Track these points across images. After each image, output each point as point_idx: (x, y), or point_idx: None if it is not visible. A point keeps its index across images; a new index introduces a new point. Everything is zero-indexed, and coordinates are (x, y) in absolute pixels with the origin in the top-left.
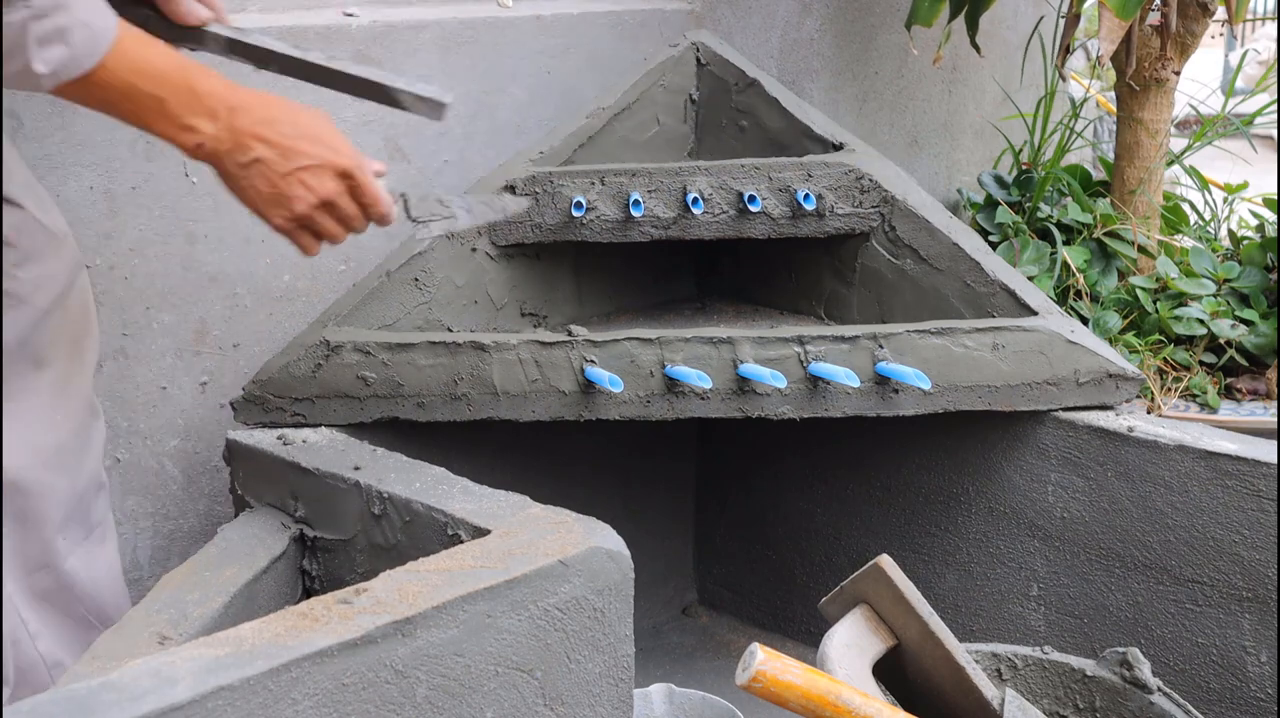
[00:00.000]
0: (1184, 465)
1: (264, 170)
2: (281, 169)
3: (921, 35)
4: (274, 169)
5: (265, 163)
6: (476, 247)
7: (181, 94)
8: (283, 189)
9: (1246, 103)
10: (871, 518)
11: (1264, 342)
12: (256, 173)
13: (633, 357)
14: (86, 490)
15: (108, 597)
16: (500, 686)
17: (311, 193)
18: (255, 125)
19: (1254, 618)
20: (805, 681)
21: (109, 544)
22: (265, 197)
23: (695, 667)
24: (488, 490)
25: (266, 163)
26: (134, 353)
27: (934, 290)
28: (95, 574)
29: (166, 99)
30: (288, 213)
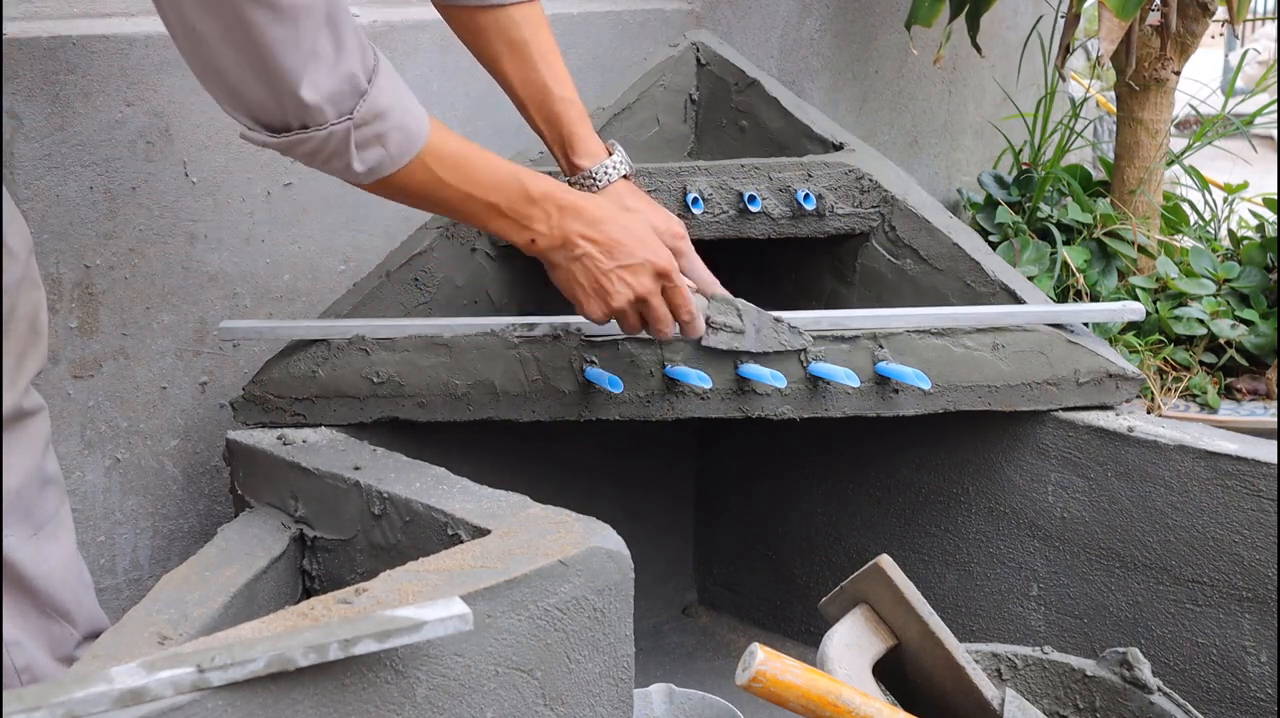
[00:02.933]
0: (1184, 465)
1: (588, 266)
2: (604, 266)
3: (921, 35)
4: (598, 265)
5: (590, 259)
6: (476, 247)
7: (517, 201)
8: (603, 284)
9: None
10: (871, 518)
11: (1264, 342)
12: (580, 268)
13: (633, 357)
14: (23, 487)
15: (63, 592)
16: (500, 686)
17: (630, 289)
18: (584, 227)
19: (1254, 618)
20: (805, 681)
21: (62, 539)
22: (587, 289)
23: (695, 667)
24: (488, 490)
25: (591, 259)
26: (134, 353)
27: (934, 290)
28: (46, 570)
29: (501, 204)
30: (605, 306)
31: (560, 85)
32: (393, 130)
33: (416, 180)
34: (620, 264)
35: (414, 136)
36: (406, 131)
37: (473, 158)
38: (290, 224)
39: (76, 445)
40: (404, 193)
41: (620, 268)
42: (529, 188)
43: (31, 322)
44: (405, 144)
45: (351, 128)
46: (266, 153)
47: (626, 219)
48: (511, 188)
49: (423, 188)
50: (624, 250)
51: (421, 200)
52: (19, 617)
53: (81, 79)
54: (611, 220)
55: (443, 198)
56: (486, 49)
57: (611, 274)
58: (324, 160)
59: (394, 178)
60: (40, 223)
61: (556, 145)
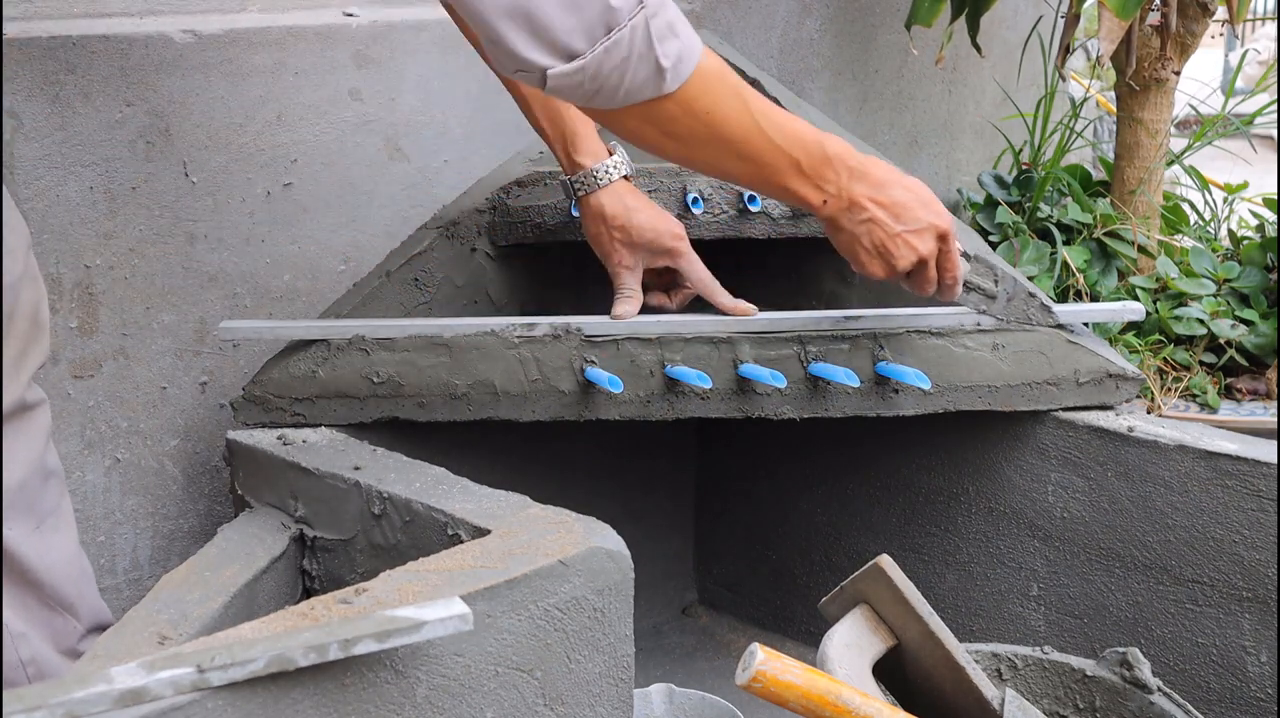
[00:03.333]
0: (1184, 465)
1: (874, 229)
2: (891, 230)
3: (921, 35)
4: (885, 229)
5: (877, 223)
6: (476, 246)
7: (816, 159)
8: (889, 247)
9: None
10: (871, 518)
11: (1264, 342)
12: (866, 230)
13: (633, 357)
14: (26, 480)
15: (66, 584)
16: (500, 686)
17: (914, 252)
18: (871, 191)
19: (1254, 618)
20: (805, 681)
21: (64, 532)
22: (871, 251)
23: (695, 667)
24: (488, 490)
25: (878, 223)
26: (134, 353)
27: None
28: (49, 562)
29: (803, 161)
30: (888, 268)
31: None
32: (677, 19)
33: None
34: (907, 228)
35: (690, 27)
36: (686, 22)
37: (773, 107)
38: (290, 224)
39: (76, 445)
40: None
41: (907, 231)
42: (826, 147)
43: (33, 316)
44: (690, 34)
45: (648, 17)
46: (266, 153)
47: (909, 181)
48: (813, 144)
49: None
50: (910, 214)
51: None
52: (23, 609)
53: (81, 79)
54: (897, 183)
55: (743, 132)
56: None
57: (898, 238)
58: (632, 71)
59: (691, 87)
60: (40, 223)
61: (558, 143)
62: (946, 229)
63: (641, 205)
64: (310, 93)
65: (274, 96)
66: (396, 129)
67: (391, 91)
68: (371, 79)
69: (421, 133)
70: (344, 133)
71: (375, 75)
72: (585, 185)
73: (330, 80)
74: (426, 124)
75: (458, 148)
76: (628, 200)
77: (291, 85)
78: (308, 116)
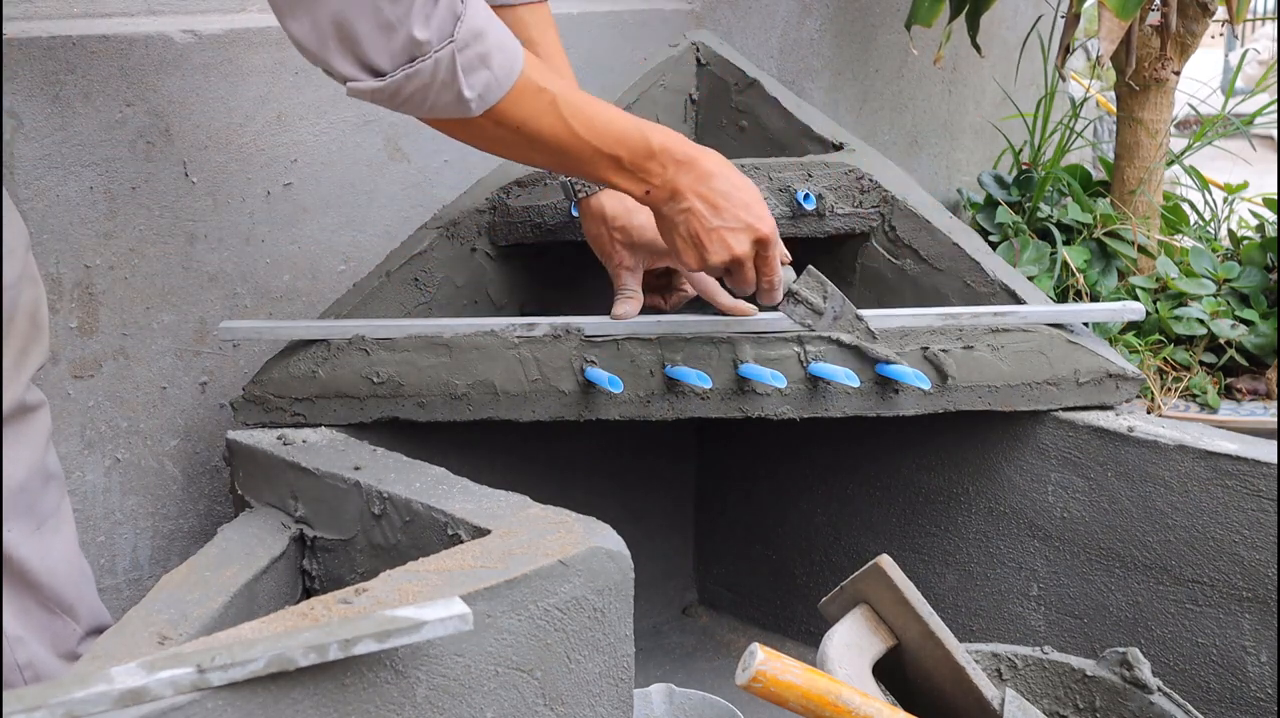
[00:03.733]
0: (1184, 465)
1: (691, 220)
2: (708, 224)
3: (921, 35)
4: (702, 222)
5: (695, 214)
6: (476, 247)
7: (639, 154)
8: (703, 240)
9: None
10: (871, 518)
11: (1264, 342)
12: (684, 220)
13: (633, 357)
14: (27, 481)
15: (66, 587)
16: (500, 686)
17: (727, 250)
18: (695, 182)
19: (1254, 618)
20: (805, 681)
21: (64, 534)
22: (686, 240)
23: (695, 667)
24: (488, 490)
25: (696, 214)
26: (134, 353)
27: (934, 290)
28: (49, 565)
29: (623, 158)
30: (699, 260)
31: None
32: (494, 50)
33: (526, 110)
34: (724, 224)
35: (513, 55)
36: (507, 51)
37: (593, 104)
38: (290, 224)
39: (76, 445)
40: (514, 129)
41: (724, 227)
42: (650, 141)
43: (32, 317)
44: (508, 64)
45: (455, 51)
46: (266, 153)
47: (739, 180)
48: (635, 140)
49: (535, 122)
50: (729, 212)
51: (534, 142)
52: (22, 613)
53: (81, 79)
54: (723, 177)
55: (557, 138)
56: None
57: (712, 232)
58: (435, 96)
59: (503, 107)
60: (40, 223)
61: None
62: (765, 234)
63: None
64: (310, 93)
65: (274, 96)
66: (396, 129)
67: None
68: None
69: (421, 133)
70: (344, 133)
71: None
72: (585, 187)
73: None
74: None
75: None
76: (628, 201)
77: (291, 85)
78: (308, 116)
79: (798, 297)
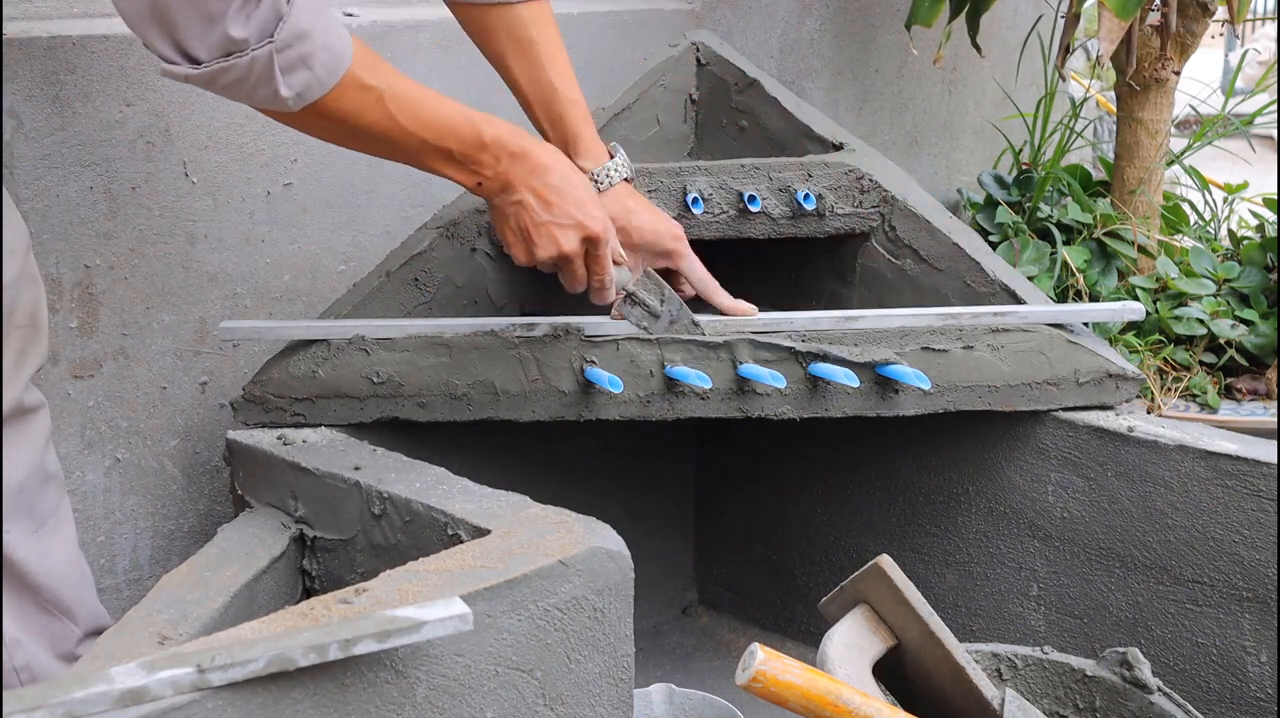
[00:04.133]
0: (1184, 465)
1: (521, 213)
2: (537, 218)
3: (921, 35)
4: (531, 216)
5: (525, 207)
6: (476, 247)
7: (470, 146)
8: (531, 234)
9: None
10: (871, 518)
11: (1264, 342)
12: (514, 212)
13: (632, 357)
14: (26, 482)
15: (65, 588)
16: (500, 686)
17: (555, 246)
18: (527, 175)
19: (1254, 618)
20: (805, 681)
21: (63, 536)
22: (515, 233)
23: (695, 667)
24: (488, 490)
25: (526, 208)
26: (134, 353)
27: (934, 290)
28: (48, 566)
29: (454, 150)
30: (527, 254)
31: (565, 85)
32: (318, 51)
33: (349, 105)
34: (554, 220)
35: (339, 55)
36: (332, 51)
37: (424, 98)
38: (290, 224)
39: (76, 445)
40: (338, 122)
41: (553, 223)
42: (482, 133)
43: (31, 317)
44: (332, 63)
45: (274, 51)
46: (266, 153)
47: (574, 178)
48: (466, 132)
49: (360, 117)
50: (560, 208)
51: (361, 134)
52: (19, 615)
53: (81, 79)
54: (557, 173)
55: (383, 131)
56: (493, 46)
57: (541, 227)
58: (250, 89)
59: (325, 103)
60: (40, 223)
61: (559, 145)
62: (595, 233)
63: (641, 207)
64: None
65: None
66: None
67: None
68: None
69: None
70: None
71: None
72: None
73: None
74: None
75: None
76: (627, 202)
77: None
78: None
79: (635, 298)
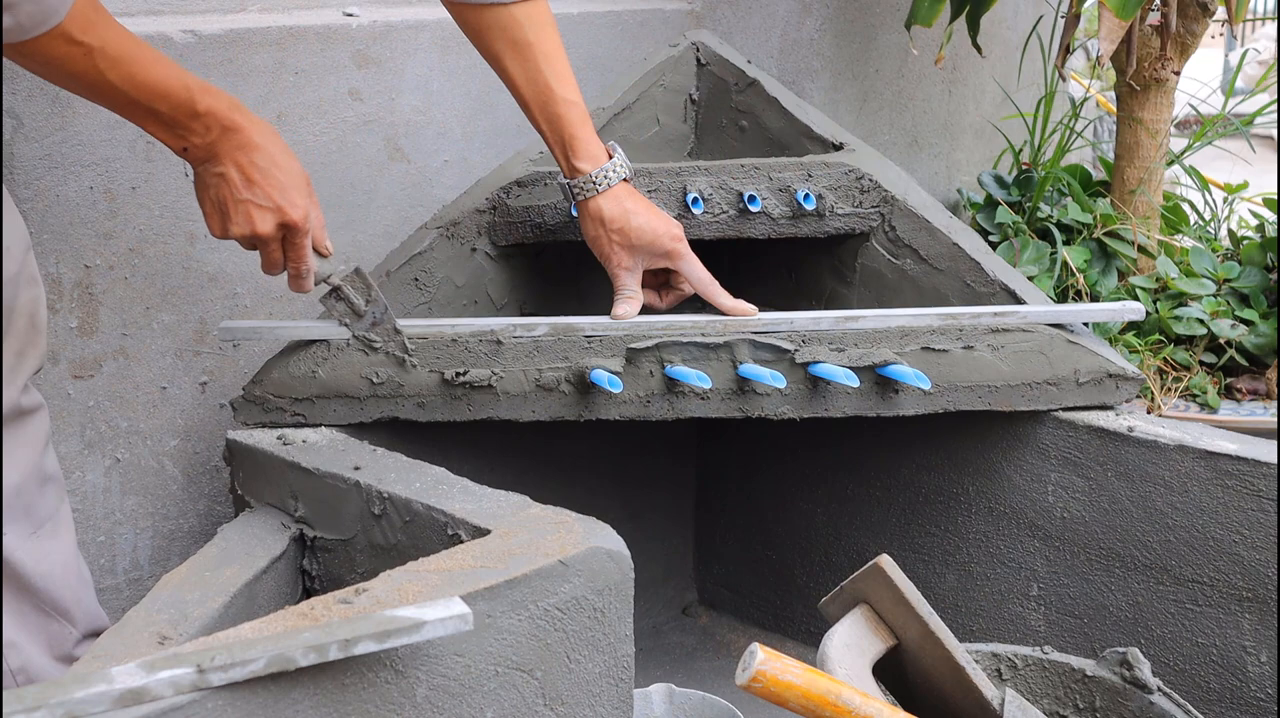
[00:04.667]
0: (1184, 465)
1: (222, 186)
2: (237, 195)
3: (921, 35)
4: (231, 192)
5: (227, 181)
6: (476, 247)
7: (181, 112)
8: (228, 209)
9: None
10: (871, 518)
11: (1264, 342)
12: (215, 184)
13: (633, 357)
14: (23, 485)
15: (63, 590)
16: (500, 686)
17: (250, 225)
18: (235, 150)
19: (1254, 618)
20: (805, 681)
21: (62, 538)
22: (214, 205)
23: (695, 667)
24: (488, 490)
25: (228, 182)
26: (134, 353)
27: (934, 290)
28: (46, 568)
29: (162, 112)
30: (220, 229)
31: (563, 86)
32: (23, 3)
33: (55, 54)
34: (253, 199)
35: (50, 10)
36: (42, 5)
37: (141, 59)
38: None
39: (76, 445)
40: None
41: (250, 202)
42: (196, 102)
43: (30, 318)
44: (39, 16)
45: None
46: None
47: (288, 163)
48: (179, 98)
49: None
50: (262, 189)
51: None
52: (17, 616)
53: None
54: (265, 153)
55: (93, 84)
56: (490, 47)
57: (240, 204)
58: None
59: (29, 46)
60: (40, 223)
61: (557, 147)
62: (293, 221)
63: (640, 208)
64: (310, 93)
65: (274, 96)
66: (396, 129)
67: (391, 91)
68: (371, 79)
69: (421, 133)
70: (344, 133)
71: (375, 75)
72: (584, 190)
73: (330, 80)
74: (426, 124)
75: (458, 148)
76: (626, 203)
77: (291, 85)
78: (308, 117)
79: (340, 293)
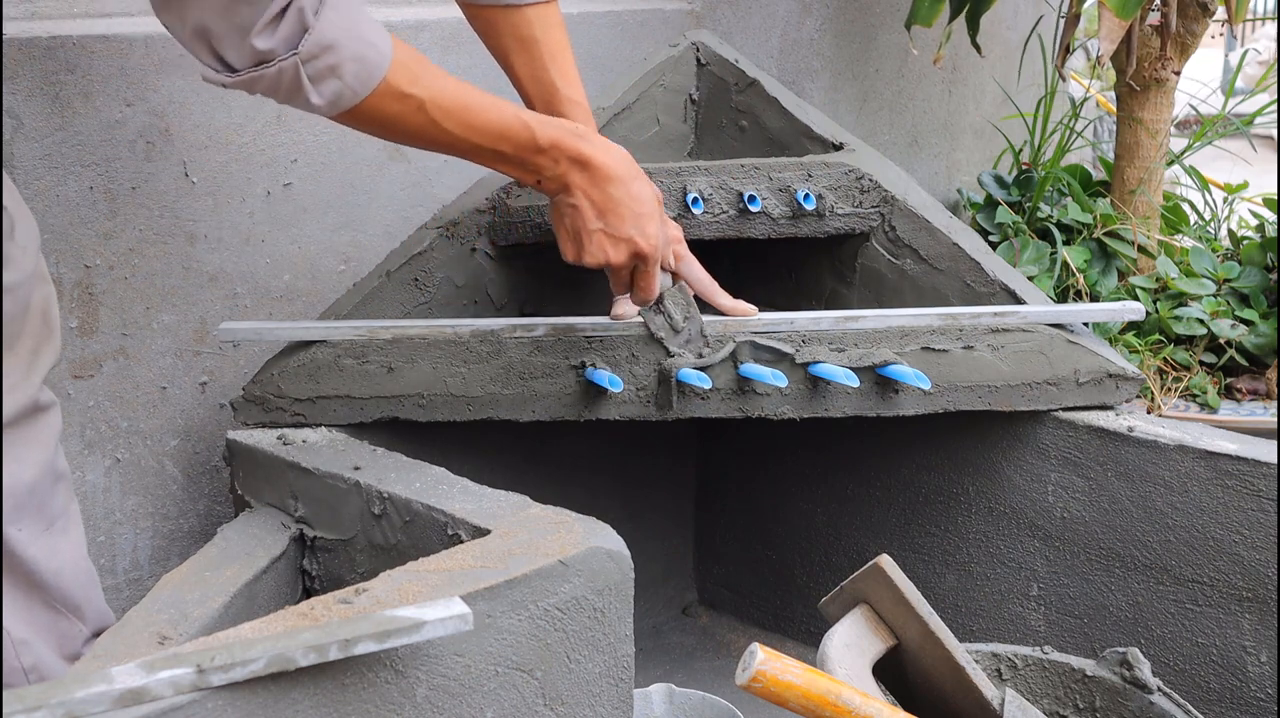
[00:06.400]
0: (1184, 465)
1: (575, 216)
2: (590, 225)
3: (921, 35)
4: (584, 222)
5: (580, 212)
6: (476, 247)
7: (525, 149)
8: (583, 240)
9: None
10: (871, 518)
11: (1264, 342)
12: (569, 214)
13: (633, 357)
14: (38, 482)
15: (74, 588)
16: (500, 686)
17: (605, 254)
18: (587, 182)
19: (1254, 618)
20: (805, 681)
21: (72, 535)
22: (567, 234)
23: (695, 667)
24: (488, 490)
25: (581, 213)
26: (134, 353)
27: (934, 291)
28: (57, 565)
29: (506, 152)
30: (575, 256)
31: (568, 86)
32: (346, 62)
33: (388, 112)
34: (606, 229)
35: (373, 66)
36: (364, 62)
37: (474, 104)
38: (290, 224)
39: (76, 445)
40: (379, 126)
41: (604, 232)
42: (537, 137)
43: (44, 315)
44: (365, 74)
45: (299, 63)
46: (266, 153)
47: (640, 191)
48: (521, 137)
49: (401, 124)
50: (615, 219)
51: (408, 138)
52: (27, 613)
53: (81, 79)
54: (620, 184)
55: (434, 138)
56: (498, 43)
57: (594, 234)
58: (286, 96)
59: (361, 110)
60: (40, 223)
61: None
62: (645, 252)
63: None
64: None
65: None
66: None
67: None
68: None
69: None
70: (344, 133)
71: None
72: None
73: None
74: None
75: None
76: None
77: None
78: (308, 117)
79: (662, 307)
